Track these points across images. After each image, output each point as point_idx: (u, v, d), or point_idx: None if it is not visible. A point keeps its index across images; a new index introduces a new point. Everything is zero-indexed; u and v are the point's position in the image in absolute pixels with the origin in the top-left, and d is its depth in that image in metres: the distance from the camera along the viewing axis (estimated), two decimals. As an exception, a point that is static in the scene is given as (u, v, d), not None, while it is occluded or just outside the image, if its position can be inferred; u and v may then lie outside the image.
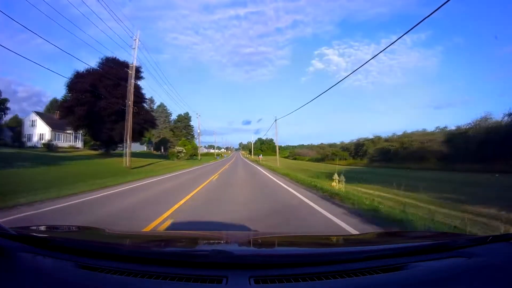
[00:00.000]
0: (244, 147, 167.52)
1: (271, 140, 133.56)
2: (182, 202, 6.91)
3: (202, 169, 24.16)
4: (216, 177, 14.90)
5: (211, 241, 1.71)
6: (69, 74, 29.21)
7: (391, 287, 0.98)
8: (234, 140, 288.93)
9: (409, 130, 43.51)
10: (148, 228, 4.33)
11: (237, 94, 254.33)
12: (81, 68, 30.34)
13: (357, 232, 3.90)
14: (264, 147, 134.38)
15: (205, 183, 11.73)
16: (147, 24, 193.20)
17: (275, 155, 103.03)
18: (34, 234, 1.33)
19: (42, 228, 1.88)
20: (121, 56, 30.90)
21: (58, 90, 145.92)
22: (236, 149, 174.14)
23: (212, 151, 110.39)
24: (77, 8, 26.97)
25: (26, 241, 1.18)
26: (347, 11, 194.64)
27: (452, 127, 35.58)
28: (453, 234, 2.22)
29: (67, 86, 28.77)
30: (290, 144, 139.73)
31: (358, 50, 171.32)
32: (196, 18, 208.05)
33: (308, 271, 1.03)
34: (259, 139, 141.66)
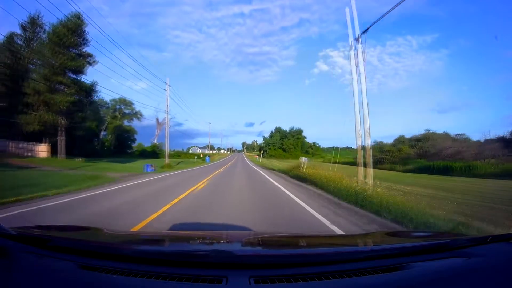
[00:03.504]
0: (248, 148, 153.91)
1: (299, 131, 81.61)
2: None
3: None
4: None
5: (211, 241, 1.71)
6: None
7: (391, 287, 0.98)
8: (236, 142, 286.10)
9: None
10: None
11: (240, 95, 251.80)
12: None
13: None
14: (288, 143, 79.62)
15: None
16: (148, 20, 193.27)
17: (309, 156, 60.27)
18: (34, 234, 1.33)
19: (42, 228, 1.88)
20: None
21: None
22: (239, 151, 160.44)
23: (207, 151, 68.29)
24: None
25: (26, 241, 1.18)
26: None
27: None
28: (453, 234, 2.25)
29: None
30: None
31: (363, 53, 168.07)
32: (199, 15, 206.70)
33: (308, 271, 1.03)
34: (278, 130, 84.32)
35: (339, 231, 4.16)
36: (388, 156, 37.73)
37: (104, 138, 50.72)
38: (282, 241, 1.82)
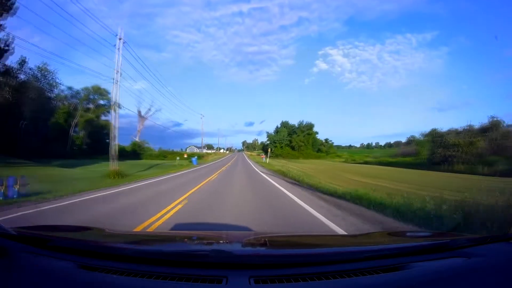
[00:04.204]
0: (249, 147, 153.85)
1: (309, 126, 70.12)
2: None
3: None
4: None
5: (211, 241, 1.68)
6: None
7: (391, 287, 0.98)
8: (237, 141, 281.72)
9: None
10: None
11: (239, 95, 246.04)
12: None
13: None
14: (297, 139, 66.72)
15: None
16: (147, 21, 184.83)
17: (325, 157, 52.85)
18: (34, 234, 1.32)
19: (42, 228, 1.85)
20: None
21: None
22: (239, 150, 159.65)
23: (205, 151, 63.82)
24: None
25: (26, 241, 1.18)
26: (353, 8, 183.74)
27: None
28: (453, 234, 2.15)
29: None
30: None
31: (363, 51, 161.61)
32: (198, 15, 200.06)
33: (308, 271, 1.03)
34: (284, 125, 71.82)
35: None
36: (458, 153, 27.19)
37: (74, 135, 41.01)
38: (282, 241, 1.83)
